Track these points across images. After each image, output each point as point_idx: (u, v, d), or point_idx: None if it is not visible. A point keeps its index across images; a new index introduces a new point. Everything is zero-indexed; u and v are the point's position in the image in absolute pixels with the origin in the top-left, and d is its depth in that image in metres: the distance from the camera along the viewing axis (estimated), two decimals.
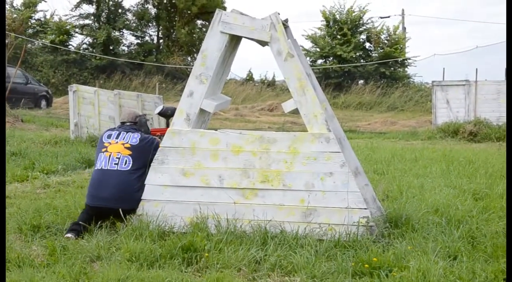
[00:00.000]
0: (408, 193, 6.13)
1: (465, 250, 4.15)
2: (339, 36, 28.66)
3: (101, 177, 4.84)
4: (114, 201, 4.74)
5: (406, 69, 29.87)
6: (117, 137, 4.98)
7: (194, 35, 30.97)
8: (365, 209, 4.62)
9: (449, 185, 6.84)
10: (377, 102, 26.08)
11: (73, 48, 30.16)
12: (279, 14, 4.84)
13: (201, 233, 4.38)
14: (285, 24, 5.01)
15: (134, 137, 4.97)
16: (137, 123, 5.26)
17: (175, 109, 5.08)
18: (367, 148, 11.46)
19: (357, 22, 29.06)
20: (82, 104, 12.30)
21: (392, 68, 28.88)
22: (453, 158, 9.41)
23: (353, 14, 28.96)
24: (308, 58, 27.85)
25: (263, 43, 5.03)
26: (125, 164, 4.84)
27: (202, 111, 4.99)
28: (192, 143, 4.85)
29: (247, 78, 31.01)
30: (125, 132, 5.03)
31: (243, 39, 5.15)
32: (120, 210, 4.71)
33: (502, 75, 19.21)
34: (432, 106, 18.48)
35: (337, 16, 29.14)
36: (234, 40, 5.13)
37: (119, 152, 4.88)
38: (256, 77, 31.14)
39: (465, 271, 3.73)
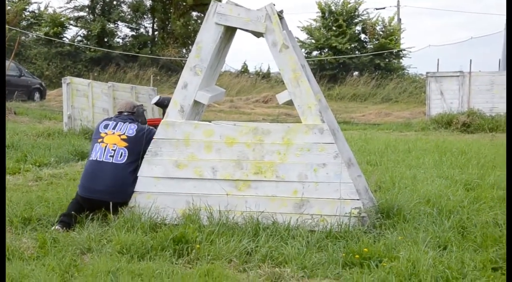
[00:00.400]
0: (400, 184, 6.14)
1: (455, 240, 4.18)
2: (334, 28, 28.61)
3: (96, 169, 4.81)
4: (107, 194, 4.72)
5: (401, 60, 29.90)
6: (114, 128, 4.94)
7: (189, 27, 30.79)
8: (357, 200, 4.63)
9: (441, 176, 6.85)
10: (371, 93, 26.12)
11: (67, 40, 29.99)
12: (274, 5, 4.81)
13: (193, 224, 4.38)
14: (280, 15, 4.99)
15: (131, 129, 4.93)
16: (134, 113, 5.23)
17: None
18: (361, 139, 11.48)
19: (352, 14, 29.02)
20: (76, 97, 12.25)
21: (387, 60, 28.88)
22: (446, 149, 9.43)
23: (349, 5, 28.90)
24: (303, 50, 27.82)
25: (258, 35, 5.02)
26: (120, 157, 4.81)
27: (196, 103, 4.98)
28: (186, 134, 4.83)
29: (242, 70, 30.93)
30: (122, 123, 4.99)
31: (238, 30, 5.13)
32: (111, 203, 4.70)
33: (496, 66, 19.27)
34: (426, 97, 18.51)
35: (333, 8, 29.07)
36: (229, 32, 5.11)
37: (115, 144, 4.84)
38: (251, 69, 31.12)
39: (454, 260, 3.75)
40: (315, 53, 29.81)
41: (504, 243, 3.82)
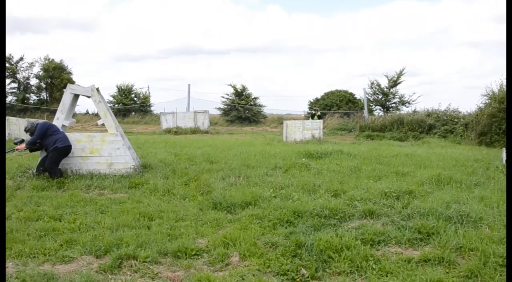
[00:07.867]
0: (149, 154, 13.81)
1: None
2: None
3: None
4: None
5: None
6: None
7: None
8: (132, 162, 11.51)
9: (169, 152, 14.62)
10: None
11: None
12: (94, 85, 11.63)
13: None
14: (98, 89, 11.78)
15: None
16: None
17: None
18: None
19: None
20: None
21: None
22: None
23: None
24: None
25: (88, 97, 11.70)
26: None
27: (64, 126, 11.51)
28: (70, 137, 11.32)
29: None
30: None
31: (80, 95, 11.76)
32: None
33: None
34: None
35: None
36: (76, 96, 11.78)
37: None
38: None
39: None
40: None
41: None
